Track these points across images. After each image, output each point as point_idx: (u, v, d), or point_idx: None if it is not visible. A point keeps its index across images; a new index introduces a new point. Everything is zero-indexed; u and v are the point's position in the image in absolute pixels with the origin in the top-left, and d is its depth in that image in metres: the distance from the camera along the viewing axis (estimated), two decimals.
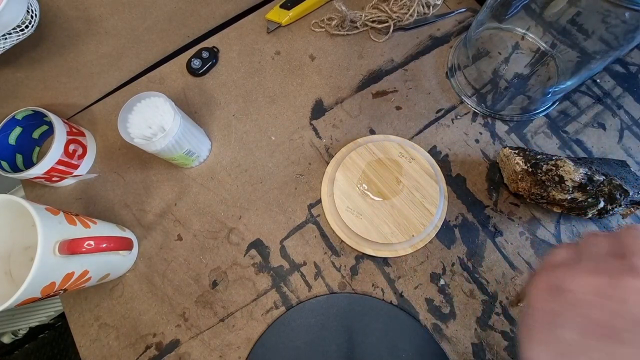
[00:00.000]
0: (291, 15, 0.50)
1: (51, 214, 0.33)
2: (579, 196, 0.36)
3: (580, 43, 0.38)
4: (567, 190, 0.36)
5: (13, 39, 0.45)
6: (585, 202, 0.37)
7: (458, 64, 0.47)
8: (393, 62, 0.49)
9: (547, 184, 0.37)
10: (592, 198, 0.36)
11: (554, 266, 0.22)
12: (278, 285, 0.41)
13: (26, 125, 0.45)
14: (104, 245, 0.34)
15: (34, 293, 0.31)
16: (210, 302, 0.41)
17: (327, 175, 0.44)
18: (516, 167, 0.39)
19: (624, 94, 0.47)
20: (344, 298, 0.40)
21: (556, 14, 0.37)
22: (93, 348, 0.40)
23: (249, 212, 0.44)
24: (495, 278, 0.40)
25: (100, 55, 0.53)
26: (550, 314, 0.19)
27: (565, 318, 0.19)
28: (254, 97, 0.49)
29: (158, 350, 0.40)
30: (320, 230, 0.43)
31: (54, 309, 0.86)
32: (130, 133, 0.38)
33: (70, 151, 0.44)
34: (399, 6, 0.49)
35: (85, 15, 0.55)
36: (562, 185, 0.36)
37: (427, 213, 0.40)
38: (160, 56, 0.53)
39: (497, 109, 0.45)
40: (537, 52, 0.43)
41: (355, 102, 0.48)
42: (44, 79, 0.52)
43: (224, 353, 0.39)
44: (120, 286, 0.42)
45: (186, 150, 0.41)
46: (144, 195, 0.46)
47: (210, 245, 0.43)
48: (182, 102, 0.49)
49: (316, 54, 0.51)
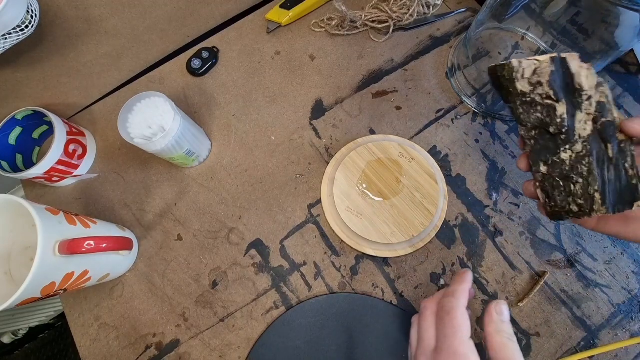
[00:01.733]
0: (291, 15, 0.50)
1: (51, 214, 0.33)
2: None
3: (580, 43, 0.38)
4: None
5: (13, 39, 0.45)
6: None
7: (458, 64, 0.47)
8: (393, 62, 0.49)
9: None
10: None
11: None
12: (278, 285, 0.41)
13: (26, 125, 0.45)
14: (104, 245, 0.34)
15: (34, 293, 0.31)
16: (210, 302, 0.41)
17: (327, 175, 0.44)
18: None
19: (624, 94, 0.47)
20: (344, 298, 0.40)
21: (556, 14, 0.37)
22: (93, 348, 0.40)
23: (249, 212, 0.44)
24: (495, 278, 0.40)
25: (100, 55, 0.53)
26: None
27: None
28: (254, 97, 0.49)
29: (158, 350, 0.40)
30: (320, 230, 0.43)
31: (54, 309, 0.86)
32: (130, 133, 0.38)
33: (70, 151, 0.44)
34: (399, 6, 0.49)
35: (85, 15, 0.55)
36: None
37: (427, 213, 0.40)
38: (160, 56, 0.53)
39: (497, 109, 0.45)
40: (537, 52, 0.43)
41: (355, 102, 0.48)
42: (44, 79, 0.52)
43: (224, 353, 0.39)
44: (120, 286, 0.42)
45: (186, 150, 0.41)
46: (144, 195, 0.46)
47: (210, 245, 0.43)
48: (182, 102, 0.49)
49: (316, 54, 0.51)
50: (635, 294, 0.39)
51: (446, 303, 0.28)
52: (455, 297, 0.28)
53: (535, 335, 0.39)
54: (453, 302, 0.28)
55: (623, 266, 0.40)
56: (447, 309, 0.28)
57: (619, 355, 0.38)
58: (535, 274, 0.40)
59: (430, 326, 0.29)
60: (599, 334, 0.38)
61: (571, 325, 0.39)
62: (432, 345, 0.28)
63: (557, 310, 0.39)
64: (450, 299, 0.28)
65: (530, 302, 0.39)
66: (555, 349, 0.38)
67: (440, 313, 0.28)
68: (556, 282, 0.40)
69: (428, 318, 0.29)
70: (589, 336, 0.38)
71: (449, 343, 0.26)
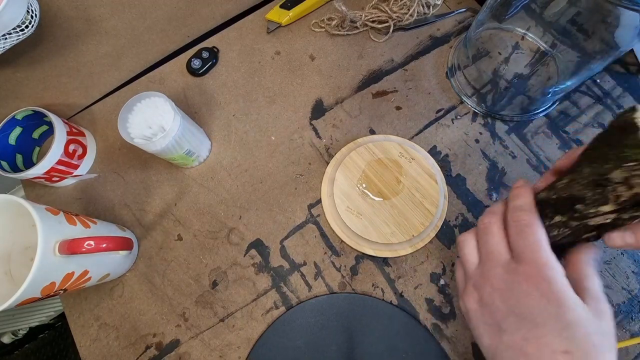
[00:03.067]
0: (291, 15, 0.50)
1: (51, 214, 0.33)
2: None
3: (580, 43, 0.38)
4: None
5: (13, 39, 0.45)
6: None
7: (458, 64, 0.47)
8: (393, 62, 0.49)
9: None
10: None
11: (469, 264, 0.31)
12: (278, 285, 0.41)
13: (26, 125, 0.45)
14: (104, 245, 0.34)
15: (34, 293, 0.31)
16: (210, 302, 0.41)
17: (327, 175, 0.44)
18: None
19: (624, 94, 0.47)
20: (344, 298, 0.40)
21: (556, 14, 0.37)
22: (93, 348, 0.40)
23: (249, 212, 0.44)
24: None
25: (100, 55, 0.53)
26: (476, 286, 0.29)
27: (484, 288, 0.28)
28: (254, 97, 0.49)
29: (158, 350, 0.40)
30: (320, 230, 0.43)
31: (54, 309, 0.86)
32: (130, 133, 0.38)
33: (70, 151, 0.44)
34: (399, 6, 0.49)
35: (85, 15, 0.55)
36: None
37: (427, 213, 0.40)
38: (160, 56, 0.53)
39: (497, 109, 0.45)
40: (537, 52, 0.43)
41: (355, 102, 0.48)
42: (44, 79, 0.52)
43: (224, 353, 0.39)
44: (120, 286, 0.42)
45: (186, 150, 0.41)
46: (144, 195, 0.46)
47: (210, 245, 0.43)
48: (182, 102, 0.49)
49: (316, 54, 0.51)
50: (635, 294, 0.39)
51: (523, 216, 0.27)
52: (529, 210, 0.28)
53: None
54: (530, 216, 0.27)
55: (623, 266, 0.40)
56: (526, 222, 0.27)
57: (619, 356, 0.38)
58: None
59: (501, 240, 0.28)
60: None
61: None
62: (507, 257, 0.27)
63: None
64: (525, 212, 0.28)
65: None
66: None
67: (517, 227, 0.28)
68: None
69: (496, 233, 0.29)
70: None
71: (534, 255, 0.26)
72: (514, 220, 0.28)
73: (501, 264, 0.28)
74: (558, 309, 0.25)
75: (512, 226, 0.28)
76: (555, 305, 0.25)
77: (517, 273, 0.26)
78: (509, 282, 0.27)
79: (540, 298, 0.25)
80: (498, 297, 0.27)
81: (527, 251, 0.26)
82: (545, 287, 0.25)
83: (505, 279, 0.27)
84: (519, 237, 0.27)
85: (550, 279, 0.25)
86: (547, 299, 0.25)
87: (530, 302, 0.25)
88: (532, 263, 0.26)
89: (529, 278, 0.26)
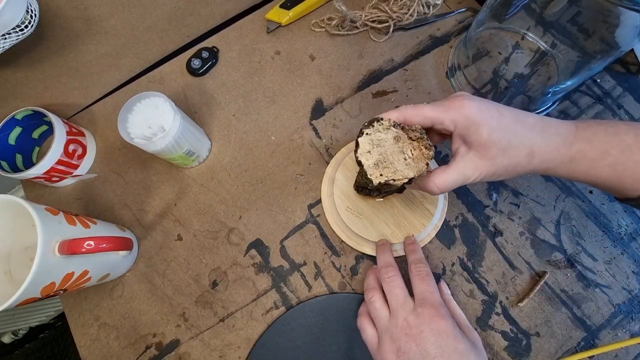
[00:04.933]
0: (291, 15, 0.50)
1: (51, 214, 0.33)
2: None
3: (580, 43, 0.38)
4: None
5: (13, 38, 0.45)
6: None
7: (458, 63, 0.47)
8: (393, 62, 0.49)
9: None
10: None
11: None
12: (278, 285, 0.41)
13: (26, 125, 0.45)
14: (103, 245, 0.34)
15: (34, 293, 0.31)
16: (210, 302, 0.41)
17: (327, 175, 0.44)
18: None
19: (624, 94, 0.47)
20: (344, 298, 0.40)
21: (556, 14, 0.37)
22: (93, 348, 0.40)
23: (249, 212, 0.44)
24: (495, 278, 0.40)
25: (100, 55, 0.53)
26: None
27: (401, 338, 0.32)
28: (254, 97, 0.49)
29: (158, 350, 0.40)
30: (320, 230, 0.43)
31: (54, 309, 0.86)
32: (130, 133, 0.38)
33: (70, 151, 0.44)
34: (399, 6, 0.49)
35: (85, 15, 0.55)
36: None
37: (427, 213, 0.40)
38: (160, 56, 0.53)
39: None
40: (537, 52, 0.43)
41: (355, 102, 0.48)
42: (44, 79, 0.52)
43: (224, 353, 0.39)
44: (120, 286, 0.42)
45: (186, 150, 0.41)
46: (144, 195, 0.46)
47: (210, 245, 0.43)
48: (182, 102, 0.49)
49: (316, 54, 0.51)
50: (635, 294, 0.39)
51: (422, 268, 0.35)
52: (424, 262, 0.36)
53: (535, 335, 0.39)
54: (427, 267, 0.35)
55: (623, 266, 0.40)
56: (426, 272, 0.35)
57: (619, 356, 0.38)
58: (535, 274, 0.40)
59: (402, 289, 0.34)
60: (599, 334, 0.38)
61: (571, 325, 0.39)
62: (411, 303, 0.33)
63: (557, 310, 0.39)
64: (422, 265, 0.35)
65: (530, 302, 0.39)
66: (555, 349, 0.38)
67: (418, 276, 0.34)
68: (556, 282, 0.40)
69: (397, 285, 0.34)
70: (589, 336, 0.38)
71: (434, 297, 0.33)
72: (416, 271, 0.35)
73: (408, 309, 0.32)
74: (456, 344, 0.30)
75: (416, 275, 0.35)
76: (452, 339, 0.30)
77: (424, 315, 0.31)
78: (419, 326, 0.31)
79: (444, 336, 0.30)
80: (413, 343, 0.31)
81: (431, 294, 0.33)
82: (443, 325, 0.31)
83: (416, 323, 0.31)
84: (423, 283, 0.34)
85: (445, 315, 0.31)
86: (447, 335, 0.30)
87: (439, 341, 0.30)
88: (436, 303, 0.32)
89: (432, 318, 0.31)
